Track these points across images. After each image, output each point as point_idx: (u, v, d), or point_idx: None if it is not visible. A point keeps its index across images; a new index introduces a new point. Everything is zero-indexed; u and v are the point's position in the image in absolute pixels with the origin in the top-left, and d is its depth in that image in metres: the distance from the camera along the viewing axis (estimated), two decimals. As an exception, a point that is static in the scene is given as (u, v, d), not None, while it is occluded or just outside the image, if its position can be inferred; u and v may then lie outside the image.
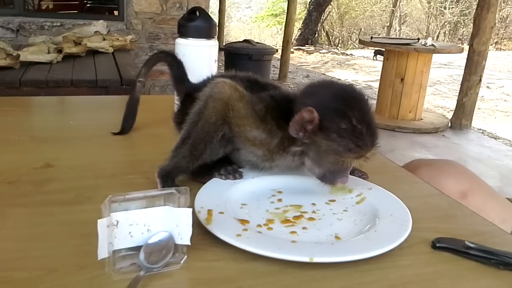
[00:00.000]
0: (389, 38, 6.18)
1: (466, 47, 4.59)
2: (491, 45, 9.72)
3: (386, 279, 0.57)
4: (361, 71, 8.44)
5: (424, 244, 0.65)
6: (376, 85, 5.55)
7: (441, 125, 4.55)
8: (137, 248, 0.56)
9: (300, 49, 10.71)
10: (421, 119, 4.67)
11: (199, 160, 0.75)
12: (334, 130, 0.67)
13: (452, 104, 5.19)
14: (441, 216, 0.75)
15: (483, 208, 0.89)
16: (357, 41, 8.99)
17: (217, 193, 0.73)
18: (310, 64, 9.06)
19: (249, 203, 0.72)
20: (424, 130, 4.42)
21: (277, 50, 5.49)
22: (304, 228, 0.66)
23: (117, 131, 1.01)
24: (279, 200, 0.74)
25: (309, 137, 0.69)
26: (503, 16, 11.80)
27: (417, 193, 0.82)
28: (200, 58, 1.00)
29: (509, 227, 0.88)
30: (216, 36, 1.02)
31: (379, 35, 10.98)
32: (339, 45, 12.53)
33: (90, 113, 1.25)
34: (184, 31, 1.00)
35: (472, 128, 4.59)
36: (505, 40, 12.08)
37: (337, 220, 0.69)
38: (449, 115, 4.88)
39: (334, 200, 0.75)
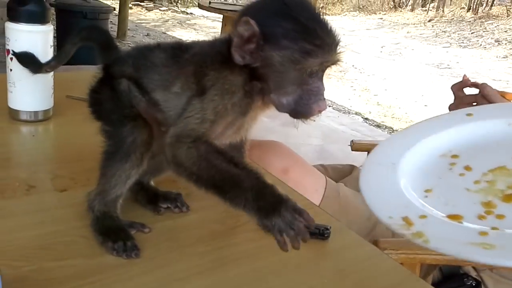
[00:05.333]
0: (227, 3, 6.33)
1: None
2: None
3: (221, 258, 0.68)
4: (202, 31, 8.51)
5: (252, 222, 0.77)
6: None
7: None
8: None
9: (139, 5, 10.26)
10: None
11: None
12: (281, 34, 0.56)
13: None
14: (266, 194, 0.88)
15: (301, 181, 1.07)
16: (197, -1, 8.99)
17: (388, 190, 0.52)
18: (150, 22, 8.80)
19: (433, 187, 0.51)
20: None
21: (114, 9, 5.23)
22: None
23: None
24: (467, 168, 0.51)
25: (257, 56, 0.58)
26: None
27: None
28: (34, 45, 0.96)
29: (320, 195, 1.08)
30: (50, 21, 0.99)
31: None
32: (179, 2, 12.35)
33: None
34: (14, 15, 0.95)
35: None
36: (329, 5, 13.20)
37: None
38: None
39: None
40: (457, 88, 1.21)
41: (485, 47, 8.31)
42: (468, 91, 1.21)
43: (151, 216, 0.75)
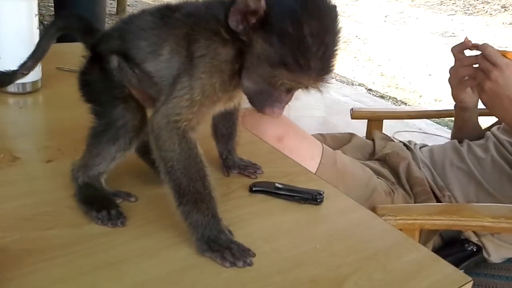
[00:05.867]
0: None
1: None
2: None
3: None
4: (202, 5, 8.41)
5: (243, 189, 0.76)
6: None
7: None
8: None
9: (137, -20, 10.13)
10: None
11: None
12: (277, 31, 0.53)
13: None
14: (260, 161, 0.86)
15: (296, 148, 1.05)
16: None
17: None
18: (149, -3, 8.69)
19: None
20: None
21: (111, -17, 5.16)
22: None
23: None
24: None
25: (247, 33, 0.55)
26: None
27: (241, 141, 0.93)
28: (17, 15, 0.94)
29: (316, 162, 1.06)
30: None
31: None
32: (179, -24, 12.18)
33: None
34: (-5, -17, 0.92)
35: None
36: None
37: None
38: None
39: None
40: (458, 50, 1.17)
41: (491, 14, 8.14)
42: (469, 54, 1.18)
43: (141, 184, 0.73)
